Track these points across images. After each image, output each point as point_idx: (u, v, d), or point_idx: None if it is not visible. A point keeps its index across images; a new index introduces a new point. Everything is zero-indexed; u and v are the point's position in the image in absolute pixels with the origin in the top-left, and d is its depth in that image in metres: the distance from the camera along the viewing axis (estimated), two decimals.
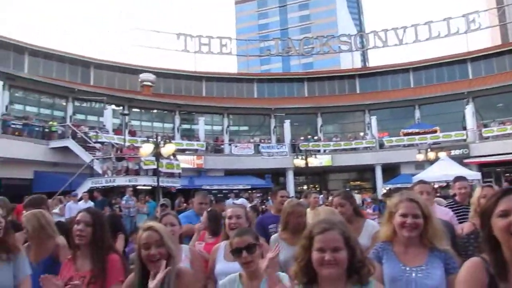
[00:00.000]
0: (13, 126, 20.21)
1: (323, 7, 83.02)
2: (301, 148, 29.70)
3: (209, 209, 4.53)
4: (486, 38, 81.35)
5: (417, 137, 29.09)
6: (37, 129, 21.54)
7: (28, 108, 25.25)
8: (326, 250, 1.81)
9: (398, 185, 21.32)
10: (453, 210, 4.33)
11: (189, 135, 31.54)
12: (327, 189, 28.03)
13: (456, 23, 33.57)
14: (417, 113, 32.33)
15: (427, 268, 2.31)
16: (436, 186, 16.54)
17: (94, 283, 2.66)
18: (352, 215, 3.67)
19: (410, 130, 30.18)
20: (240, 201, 14.96)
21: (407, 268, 2.33)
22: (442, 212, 4.04)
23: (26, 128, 20.80)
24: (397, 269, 2.34)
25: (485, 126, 28.69)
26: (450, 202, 4.88)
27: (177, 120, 31.64)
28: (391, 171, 28.96)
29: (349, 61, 41.10)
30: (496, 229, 1.65)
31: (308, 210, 4.52)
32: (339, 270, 1.82)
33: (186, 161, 25.66)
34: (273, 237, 3.68)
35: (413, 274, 2.31)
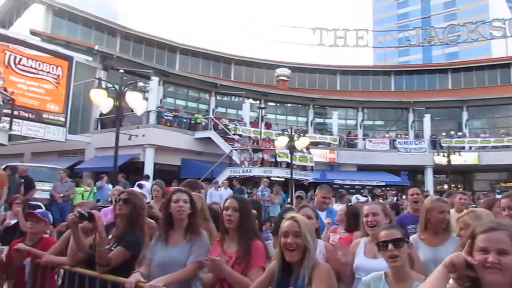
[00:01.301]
0: (165, 117, 22.51)
1: None
2: (442, 145, 27.57)
3: (348, 204, 4.53)
4: None
5: None
6: (184, 120, 23.67)
7: (177, 102, 28.09)
8: (490, 251, 1.60)
9: None
10: None
11: (322, 129, 31.61)
12: (472, 189, 25.59)
13: None
14: None
15: None
16: None
17: (239, 264, 2.87)
18: None
19: None
20: (357, 198, 14.20)
21: None
22: None
23: (176, 120, 23.00)
24: None
25: None
26: None
27: (311, 114, 31.93)
28: None
29: (502, 49, 36.62)
30: None
31: (452, 211, 4.22)
32: (506, 276, 1.58)
33: (319, 155, 25.80)
34: (412, 237, 3.38)
35: None
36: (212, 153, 21.87)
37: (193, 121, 23.78)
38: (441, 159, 24.71)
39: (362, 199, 7.25)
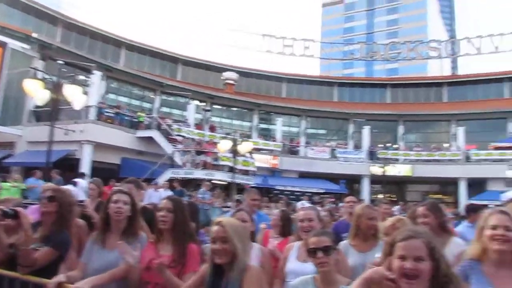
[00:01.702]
0: (106, 113, 21.74)
1: (413, 11, 79.62)
2: (379, 156, 28.81)
3: (282, 209, 4.58)
4: None
5: (508, 152, 26.91)
6: (127, 118, 23.00)
7: (120, 98, 27.25)
8: (407, 258, 1.72)
9: (485, 202, 19.87)
10: None
11: (266, 134, 31.96)
12: (404, 200, 26.91)
13: None
14: (510, 127, 29.92)
15: None
16: None
17: (174, 267, 2.80)
18: (436, 230, 3.33)
19: (501, 144, 27.97)
20: (302, 203, 14.65)
21: None
22: None
23: (117, 117, 22.29)
24: None
25: None
26: None
27: (256, 119, 32.20)
28: (477, 186, 27.07)
29: (437, 68, 39.08)
30: None
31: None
32: (421, 282, 1.69)
33: (262, 160, 26.03)
34: (342, 243, 3.51)
35: None
36: (154, 153, 21.41)
37: (135, 120, 23.16)
38: (377, 170, 25.81)
39: (307, 205, 7.37)
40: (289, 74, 36.65)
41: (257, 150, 26.10)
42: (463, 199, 26.66)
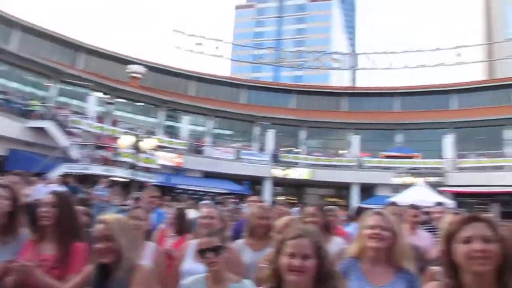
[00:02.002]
0: None
1: (319, 22, 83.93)
2: (281, 159, 29.75)
3: (177, 207, 4.48)
4: (474, 72, 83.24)
5: (396, 160, 29.50)
6: (17, 105, 21.04)
7: (11, 84, 24.77)
8: (296, 256, 1.81)
9: (373, 206, 21.47)
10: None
11: (171, 132, 31.30)
12: (303, 202, 28.07)
13: (445, 54, 34.12)
14: (399, 137, 32.86)
15: None
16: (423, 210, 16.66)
17: (57, 268, 2.58)
18: (320, 229, 3.53)
19: (390, 153, 30.56)
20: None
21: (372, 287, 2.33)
22: (424, 236, 4.29)
23: (6, 104, 20.32)
24: None
25: (463, 157, 29.23)
26: (429, 227, 5.05)
27: (162, 116, 31.39)
28: (367, 191, 29.23)
29: (339, 79, 41.54)
30: (458, 255, 1.69)
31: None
32: (306, 278, 1.81)
33: (166, 158, 25.45)
34: (238, 242, 3.59)
35: None
36: (47, 145, 19.83)
37: (28, 108, 21.25)
38: (278, 172, 26.62)
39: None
40: (199, 72, 36.32)
41: (162, 147, 25.43)
42: (355, 203, 28.59)
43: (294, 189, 33.06)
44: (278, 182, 29.78)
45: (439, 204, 5.29)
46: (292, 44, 74.60)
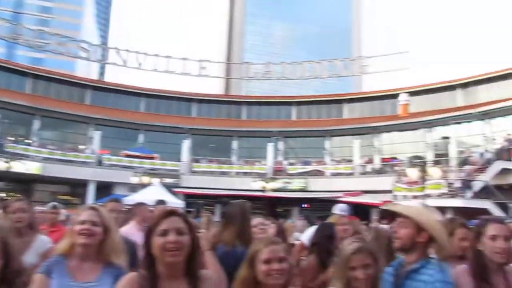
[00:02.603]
0: None
1: (69, 5, 77.72)
2: (6, 149, 25.86)
3: None
4: (214, 85, 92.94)
5: (136, 160, 29.80)
6: None
7: None
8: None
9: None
10: None
11: None
12: (33, 200, 25.05)
13: (191, 65, 36.58)
14: (141, 138, 33.37)
15: (98, 285, 2.28)
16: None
17: None
18: (26, 227, 3.44)
19: (131, 153, 30.65)
20: None
21: (77, 284, 2.27)
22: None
23: None
24: (65, 285, 2.26)
25: (197, 161, 31.90)
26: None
27: None
28: (105, 189, 28.35)
29: (86, 70, 39.29)
30: (155, 247, 1.86)
31: None
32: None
33: None
34: None
35: None
36: None
37: None
38: (1, 165, 23.03)
39: None
40: None
41: None
42: (90, 201, 27.38)
43: (22, 185, 29.32)
44: (1, 177, 25.78)
45: (161, 202, 5.60)
46: (34, 22, 66.33)
